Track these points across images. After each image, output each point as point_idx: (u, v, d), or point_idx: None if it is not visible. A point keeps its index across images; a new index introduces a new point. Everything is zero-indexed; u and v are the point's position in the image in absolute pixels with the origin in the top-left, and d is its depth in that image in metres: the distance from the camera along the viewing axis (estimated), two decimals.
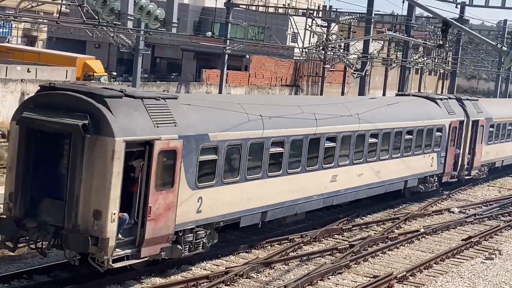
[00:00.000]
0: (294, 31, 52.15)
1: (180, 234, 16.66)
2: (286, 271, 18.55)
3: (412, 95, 31.35)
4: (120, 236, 14.97)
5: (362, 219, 25.28)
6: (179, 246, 16.67)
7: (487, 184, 35.29)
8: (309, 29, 47.75)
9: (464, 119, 31.27)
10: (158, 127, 15.60)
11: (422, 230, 24.03)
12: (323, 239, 22.10)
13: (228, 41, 51.69)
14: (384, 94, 75.25)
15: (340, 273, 18.73)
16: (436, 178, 29.88)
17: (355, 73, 41.83)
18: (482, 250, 22.49)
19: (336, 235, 22.72)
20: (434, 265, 20.27)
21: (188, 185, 16.46)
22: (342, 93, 66.22)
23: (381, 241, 22.22)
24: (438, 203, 29.60)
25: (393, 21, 53.86)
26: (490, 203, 30.44)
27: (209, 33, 57.63)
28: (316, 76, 65.21)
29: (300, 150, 20.68)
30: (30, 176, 15.36)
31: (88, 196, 14.66)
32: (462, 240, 23.26)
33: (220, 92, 52.20)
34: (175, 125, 16.06)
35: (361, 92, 37.59)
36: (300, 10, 54.68)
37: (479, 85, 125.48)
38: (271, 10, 59.45)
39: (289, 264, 19.16)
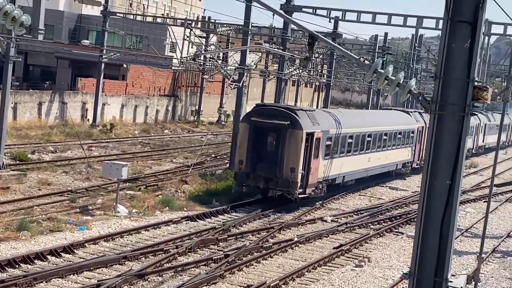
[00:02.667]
0: (173, 41, 52.00)
1: (318, 184, 30.59)
2: (160, 283, 18.40)
3: (393, 109, 46.02)
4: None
5: (237, 229, 25.44)
6: (316, 190, 30.68)
7: (358, 194, 36.39)
8: (188, 39, 47.73)
9: (423, 125, 44.03)
10: (313, 125, 29.72)
11: (295, 239, 24.46)
12: (199, 250, 22.09)
13: (104, 49, 50.94)
14: None
15: (215, 283, 18.78)
16: (409, 164, 43.41)
17: (232, 84, 42.14)
18: (353, 258, 23.15)
19: (211, 245, 22.75)
20: (306, 273, 20.68)
21: (322, 158, 30.55)
22: (221, 104, 66.57)
23: (256, 250, 22.45)
24: (311, 212, 30.23)
25: (270, 34, 54.66)
26: (361, 212, 31.39)
27: (86, 41, 56.51)
28: (194, 86, 65.25)
29: (358, 141, 34.54)
30: (252, 151, 29.31)
31: (288, 160, 28.61)
32: (334, 248, 23.86)
33: (96, 100, 51.35)
34: (319, 125, 30.21)
35: (238, 103, 37.82)
36: (178, 20, 54.64)
37: (352, 97, 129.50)
38: (149, 19, 59.06)
39: (163, 275, 19.02)
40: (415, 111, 45.94)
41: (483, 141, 62.86)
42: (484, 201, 36.88)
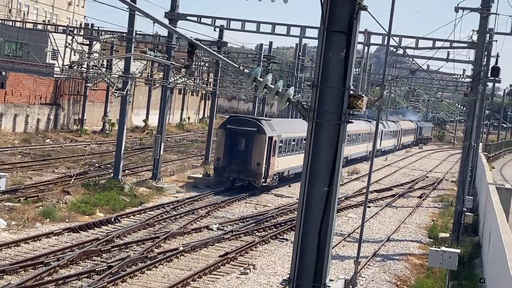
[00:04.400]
0: (54, 48, 50.71)
1: (274, 176, 39.62)
2: None
3: None
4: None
5: (122, 240, 25.04)
6: (273, 181, 39.72)
7: (244, 201, 36.64)
8: (70, 46, 46.68)
9: None
10: (272, 131, 38.61)
11: (181, 248, 24.33)
12: (81, 262, 21.59)
13: None
14: (148, 113, 75.53)
15: None
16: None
17: (116, 92, 41.55)
18: (238, 265, 23.26)
19: (94, 257, 22.29)
20: (191, 282, 20.60)
21: (277, 156, 39.41)
22: (105, 113, 65.45)
23: (141, 261, 22.17)
24: (198, 221, 30.16)
25: (155, 42, 54.25)
26: (247, 219, 31.60)
27: None
28: (77, 94, 63.85)
29: (298, 143, 42.97)
30: (228, 150, 38.21)
31: (255, 157, 37.62)
32: (219, 256, 23.88)
33: None
34: (275, 131, 39.26)
35: (123, 112, 37.24)
36: (60, 27, 53.40)
37: (239, 105, 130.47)
38: (29, 26, 57.40)
39: None
40: None
41: (380, 145, 73.46)
42: (366, 206, 37.96)
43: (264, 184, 38.72)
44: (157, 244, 24.62)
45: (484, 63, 35.96)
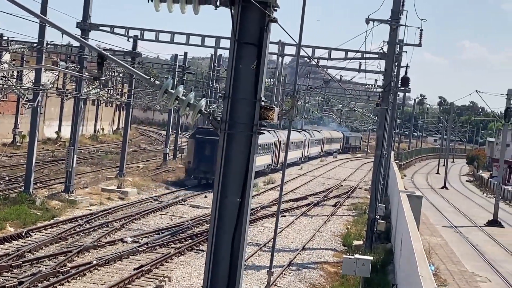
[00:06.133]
0: None
1: None
2: None
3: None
4: None
5: (33, 254, 24.40)
6: None
7: (160, 213, 36.33)
8: None
9: (277, 139, 60.97)
10: None
11: (95, 262, 23.90)
12: None
13: None
14: (60, 125, 74.10)
15: None
16: (270, 165, 60.33)
17: (27, 104, 40.56)
18: (153, 278, 23.03)
19: (4, 273, 21.65)
20: None
21: None
22: (16, 125, 63.86)
23: (53, 276, 21.66)
24: (112, 233, 29.70)
25: (67, 52, 53.30)
26: (162, 231, 31.34)
27: None
28: None
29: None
30: (197, 155, 47.54)
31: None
32: (134, 269, 23.57)
33: None
34: None
35: (34, 124, 36.38)
36: None
37: (154, 116, 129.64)
38: None
39: None
40: (272, 130, 62.68)
41: (307, 152, 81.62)
42: (281, 216, 38.28)
43: None
44: (70, 258, 24.11)
45: (395, 73, 36.91)
